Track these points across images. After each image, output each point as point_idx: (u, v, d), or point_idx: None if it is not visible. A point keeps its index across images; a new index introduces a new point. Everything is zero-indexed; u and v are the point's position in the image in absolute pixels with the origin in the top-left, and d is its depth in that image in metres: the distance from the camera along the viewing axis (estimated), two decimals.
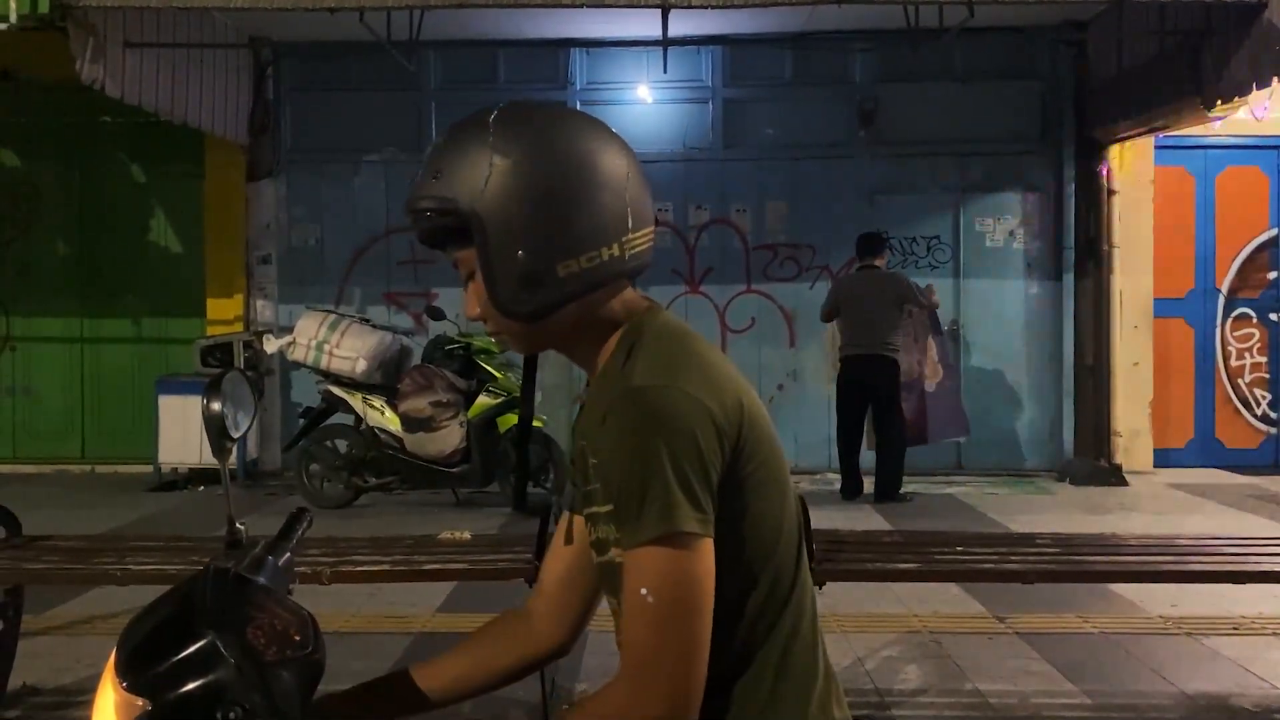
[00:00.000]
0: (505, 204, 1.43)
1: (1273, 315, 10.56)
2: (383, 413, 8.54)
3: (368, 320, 9.23)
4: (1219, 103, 8.06)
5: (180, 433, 9.31)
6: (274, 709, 1.37)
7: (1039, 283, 10.45)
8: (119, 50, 7.88)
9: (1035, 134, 10.47)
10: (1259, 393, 10.59)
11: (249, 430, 1.72)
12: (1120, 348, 10.14)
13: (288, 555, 1.57)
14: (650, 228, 1.52)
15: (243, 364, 9.29)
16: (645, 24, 9.20)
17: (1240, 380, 10.59)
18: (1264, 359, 10.58)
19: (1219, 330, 10.58)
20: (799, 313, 10.41)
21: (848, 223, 10.10)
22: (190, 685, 1.35)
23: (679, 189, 10.34)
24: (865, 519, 8.02)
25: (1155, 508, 8.69)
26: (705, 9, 7.53)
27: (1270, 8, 7.22)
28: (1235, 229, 10.54)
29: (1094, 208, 10.11)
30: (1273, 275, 10.57)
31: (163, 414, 9.51)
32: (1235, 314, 10.58)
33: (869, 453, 8.96)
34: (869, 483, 8.90)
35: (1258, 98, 8.27)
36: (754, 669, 1.46)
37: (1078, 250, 10.22)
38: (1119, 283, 10.13)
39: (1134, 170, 10.18)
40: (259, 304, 10.49)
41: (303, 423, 9.01)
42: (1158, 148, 10.18)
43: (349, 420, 8.75)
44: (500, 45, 10.35)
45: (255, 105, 10.31)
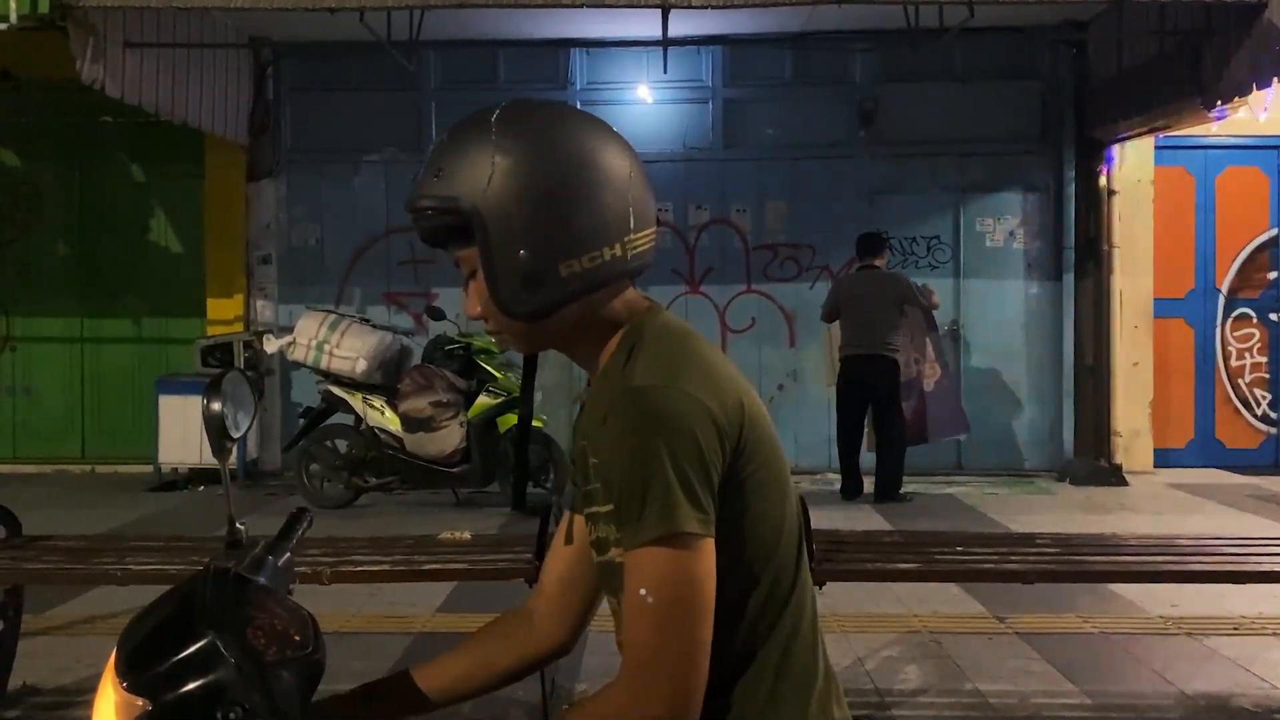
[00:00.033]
0: (507, 203, 1.43)
1: (1273, 315, 10.55)
2: (383, 413, 8.54)
3: (368, 320, 9.23)
4: (1219, 103, 8.06)
5: (180, 433, 9.31)
6: (274, 709, 1.36)
7: (1039, 283, 10.45)
8: (119, 50, 7.87)
9: (1035, 134, 10.47)
10: (1259, 393, 10.58)
11: (249, 430, 1.72)
12: (1120, 348, 10.14)
13: (288, 555, 1.57)
14: (652, 228, 1.52)
15: (243, 364, 9.29)
16: (645, 24, 9.20)
17: (1240, 380, 10.58)
18: (1264, 359, 10.57)
19: (1219, 330, 10.58)
20: (799, 313, 10.41)
21: (848, 223, 10.10)
22: (190, 685, 1.35)
23: (679, 189, 10.34)
24: (865, 519, 8.02)
25: (1155, 508, 8.69)
26: (705, 9, 7.53)
27: (1270, 8, 7.21)
28: (1235, 229, 10.53)
29: (1094, 208, 10.11)
30: (1273, 275, 10.56)
31: (163, 414, 9.51)
32: (1235, 314, 10.57)
33: (869, 453, 8.97)
34: (869, 483, 8.90)
35: (1258, 98, 8.27)
36: (754, 669, 1.45)
37: (1078, 250, 10.22)
38: (1119, 283, 10.13)
39: (1134, 170, 10.18)
40: (259, 304, 10.49)
41: (303, 423, 9.01)
42: (1158, 148, 10.17)
43: (349, 420, 8.75)
44: (500, 45, 10.35)
45: (255, 105, 10.31)
